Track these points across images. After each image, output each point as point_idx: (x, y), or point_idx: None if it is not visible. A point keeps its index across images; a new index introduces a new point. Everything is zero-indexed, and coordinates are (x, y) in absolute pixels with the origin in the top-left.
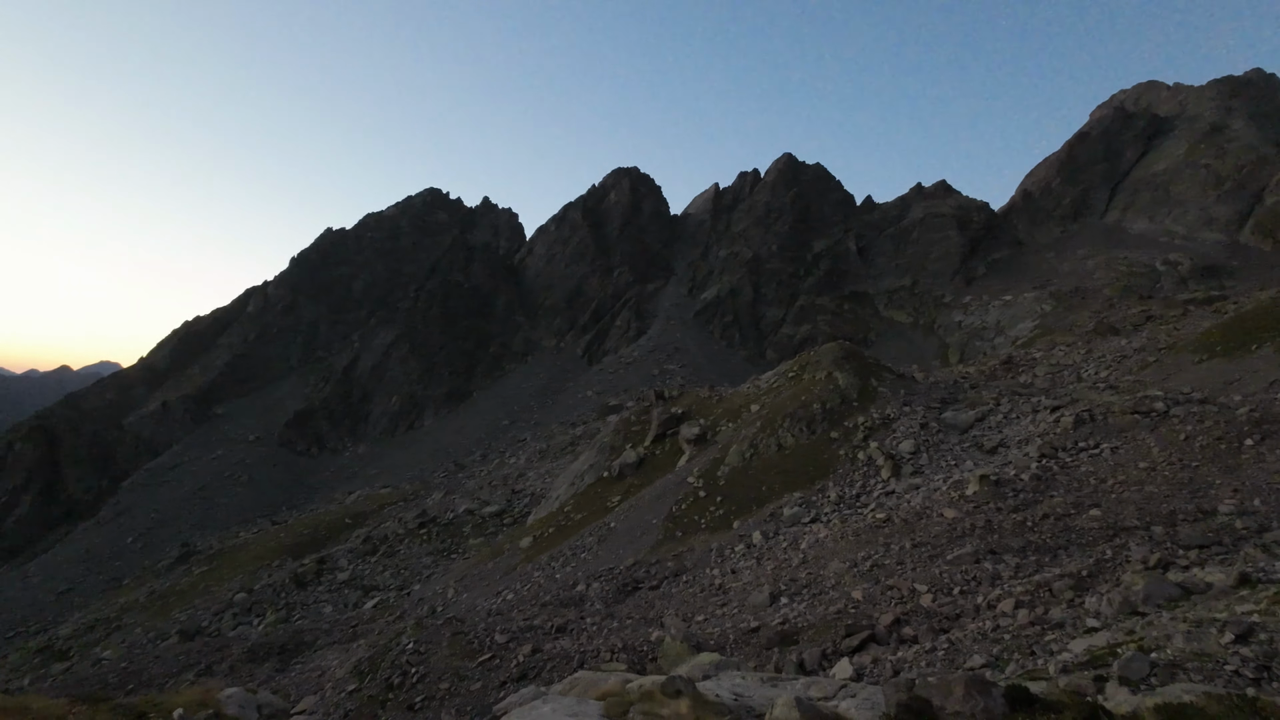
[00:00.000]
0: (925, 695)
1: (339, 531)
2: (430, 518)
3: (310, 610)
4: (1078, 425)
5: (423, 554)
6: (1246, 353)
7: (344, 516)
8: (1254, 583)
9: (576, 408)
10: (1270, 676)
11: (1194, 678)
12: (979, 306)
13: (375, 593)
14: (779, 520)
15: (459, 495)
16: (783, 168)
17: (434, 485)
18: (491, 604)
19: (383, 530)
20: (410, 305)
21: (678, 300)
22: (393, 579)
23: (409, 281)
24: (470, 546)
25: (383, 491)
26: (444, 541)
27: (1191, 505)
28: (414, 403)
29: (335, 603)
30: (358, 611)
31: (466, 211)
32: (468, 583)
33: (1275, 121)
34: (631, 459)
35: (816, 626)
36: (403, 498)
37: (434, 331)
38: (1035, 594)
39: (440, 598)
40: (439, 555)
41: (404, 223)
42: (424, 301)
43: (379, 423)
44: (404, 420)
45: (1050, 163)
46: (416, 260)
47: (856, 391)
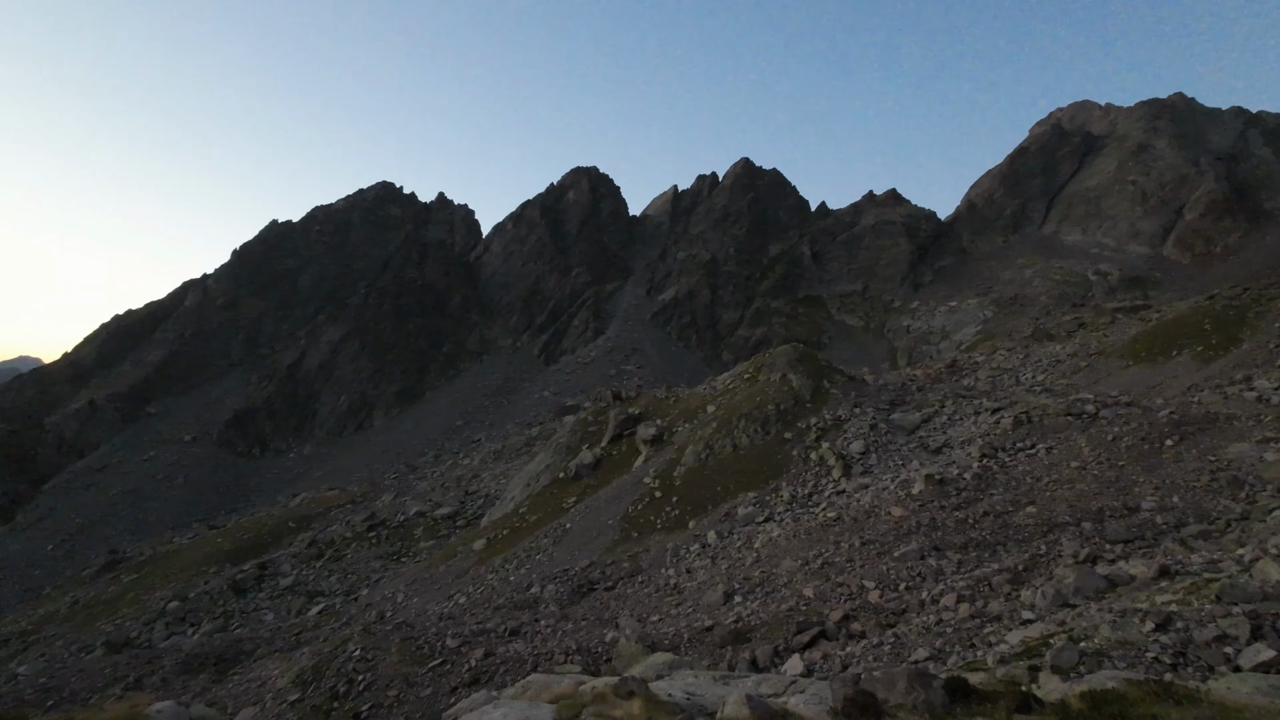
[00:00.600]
0: (870, 689)
1: (282, 536)
2: (380, 520)
3: (250, 618)
4: (1016, 426)
5: (371, 558)
6: (1167, 359)
7: (287, 520)
8: (1172, 574)
9: (532, 408)
10: (1186, 662)
11: (1118, 665)
12: (926, 312)
13: (320, 598)
14: (734, 520)
15: (410, 497)
16: (740, 172)
17: (384, 487)
18: (443, 608)
19: (329, 534)
20: (361, 302)
21: (636, 301)
22: (339, 584)
23: (359, 277)
24: (421, 550)
25: (329, 494)
26: (394, 545)
27: (1118, 502)
28: (364, 402)
29: (277, 610)
30: (301, 618)
31: (421, 207)
32: (418, 587)
33: (1194, 143)
34: (588, 460)
35: (769, 624)
36: (351, 500)
37: (385, 329)
38: (975, 588)
39: (389, 602)
40: (388, 559)
41: (354, 217)
42: (375, 298)
43: (326, 422)
44: (353, 420)
45: (993, 175)
46: (368, 255)
47: (810, 393)
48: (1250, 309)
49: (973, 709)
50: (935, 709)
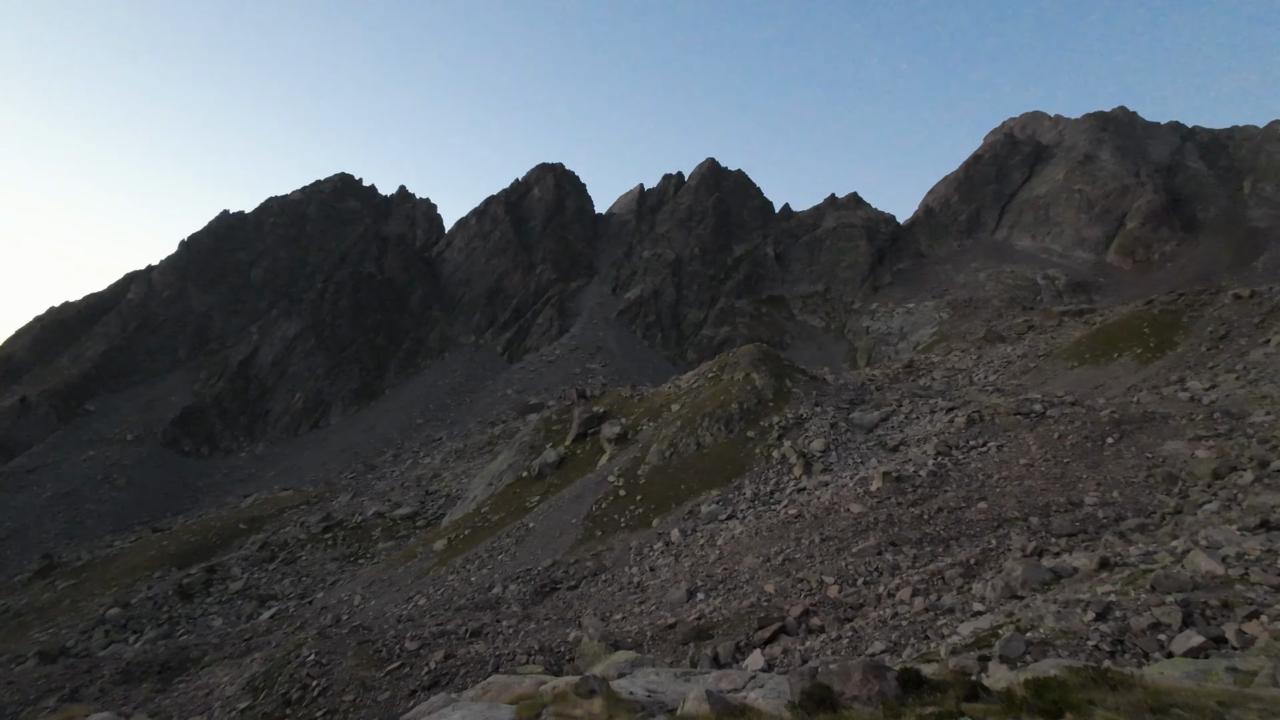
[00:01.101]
0: (827, 682)
1: (232, 538)
2: (336, 521)
3: (197, 624)
4: (969, 425)
5: (327, 560)
6: (1109, 361)
7: (238, 521)
8: (1112, 566)
9: (495, 406)
10: (1123, 649)
11: (1061, 653)
12: (885, 313)
13: (273, 602)
14: (697, 518)
15: (368, 497)
16: (705, 172)
17: (340, 487)
18: (402, 610)
19: (282, 535)
20: (317, 297)
21: (601, 299)
22: (293, 587)
23: (315, 271)
24: (380, 551)
25: (283, 494)
26: (351, 546)
27: (1063, 498)
28: (319, 399)
29: (226, 615)
30: (252, 623)
31: (381, 200)
32: (376, 589)
33: (1135, 154)
34: (552, 458)
35: (731, 620)
36: (305, 500)
37: (343, 325)
38: (930, 582)
39: (346, 605)
40: (345, 561)
41: (311, 209)
42: (332, 293)
43: (279, 421)
44: (308, 418)
45: (949, 181)
46: (325, 249)
47: (772, 392)
48: (1184, 314)
49: (924, 699)
50: (889, 700)
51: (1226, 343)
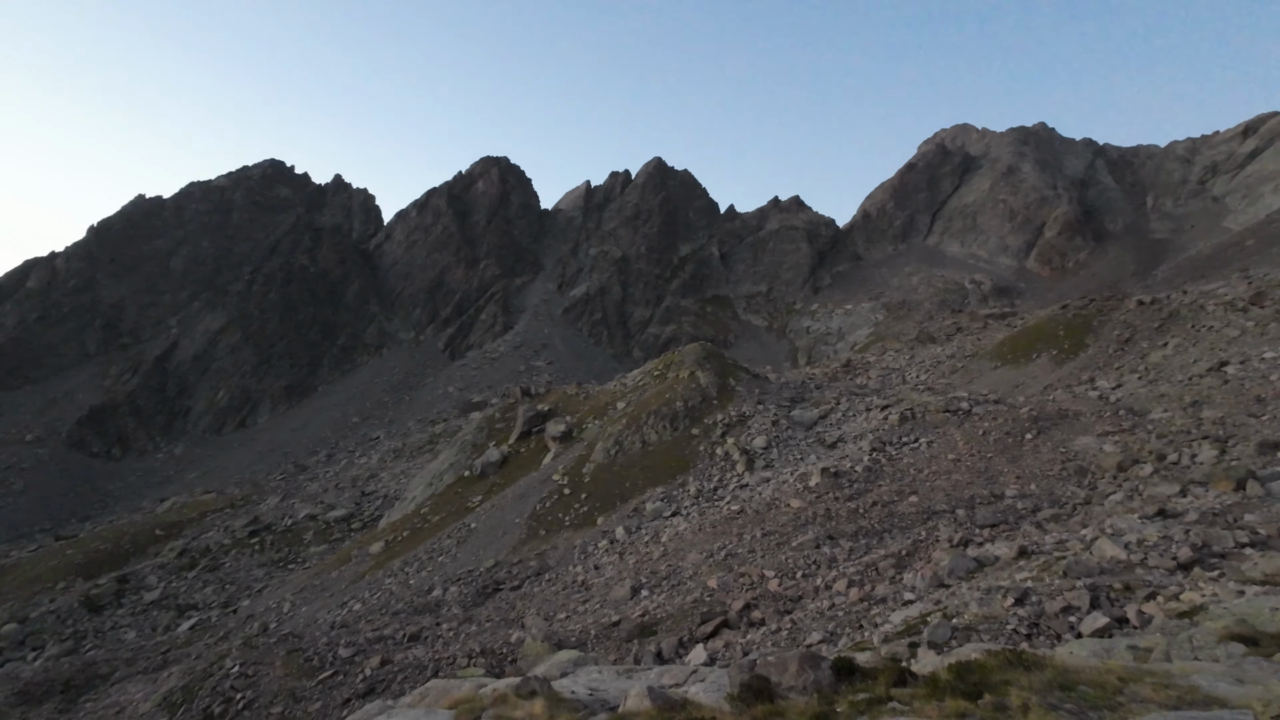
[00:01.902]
0: (765, 674)
1: (147, 545)
2: (264, 525)
3: (107, 638)
4: (902, 422)
5: (254, 566)
6: (1028, 361)
7: (154, 527)
8: (1029, 554)
9: (436, 404)
10: (1039, 632)
11: (984, 637)
12: (824, 314)
13: (193, 612)
14: (641, 515)
15: (299, 499)
16: (652, 171)
17: (269, 489)
18: (335, 616)
19: (204, 541)
20: (244, 288)
21: (546, 296)
22: (215, 596)
23: (242, 262)
24: (312, 555)
25: (205, 497)
26: (280, 551)
27: (986, 490)
28: (246, 397)
29: (140, 627)
30: (170, 635)
31: (314, 189)
32: (308, 595)
33: (1053, 168)
34: (495, 457)
35: (674, 616)
36: (230, 504)
37: (272, 318)
38: (864, 573)
39: (274, 613)
40: (273, 566)
41: (237, 195)
42: (261, 285)
43: (201, 420)
44: (233, 417)
45: (885, 188)
46: (252, 238)
47: (716, 390)
48: (1094, 318)
49: (856, 686)
50: (823, 688)
51: (1130, 345)
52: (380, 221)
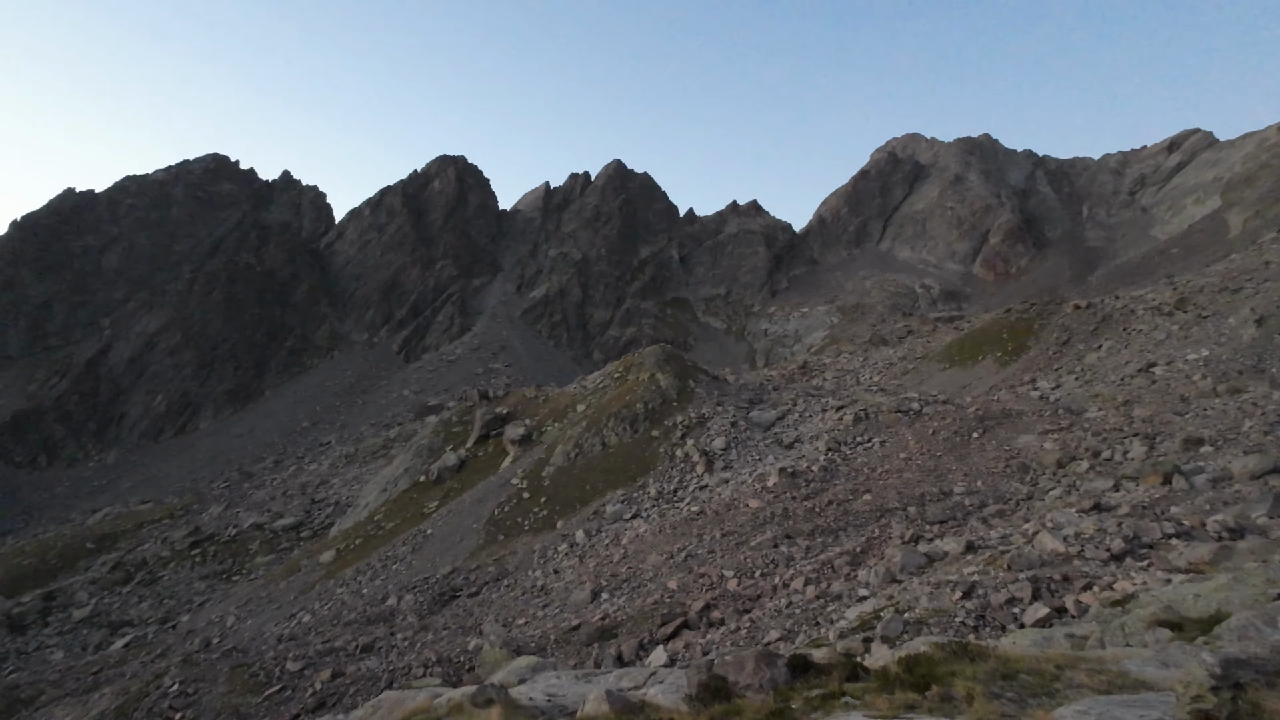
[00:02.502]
0: (722, 673)
1: (77, 559)
2: (206, 535)
3: (31, 659)
4: (856, 422)
5: (194, 579)
6: (974, 363)
7: (84, 540)
8: (976, 549)
9: (390, 408)
10: (985, 623)
11: (934, 630)
12: (781, 316)
13: (127, 629)
14: (602, 518)
15: (244, 508)
16: (612, 173)
17: (211, 498)
18: (284, 629)
19: (140, 554)
20: (184, 288)
21: (505, 297)
22: (152, 611)
23: (182, 260)
24: (258, 566)
25: (141, 508)
26: (223, 562)
27: (936, 488)
28: (186, 402)
29: (69, 646)
30: (102, 654)
31: (261, 185)
32: (254, 607)
33: (996, 178)
34: (452, 461)
35: (635, 618)
36: (169, 514)
37: (215, 320)
38: (821, 571)
39: (217, 628)
40: (216, 579)
41: (177, 191)
42: (203, 284)
43: (137, 426)
44: (172, 422)
45: (840, 194)
46: (193, 236)
47: (676, 392)
48: (1035, 322)
49: (811, 682)
50: (779, 685)
51: (1068, 348)
52: (331, 220)
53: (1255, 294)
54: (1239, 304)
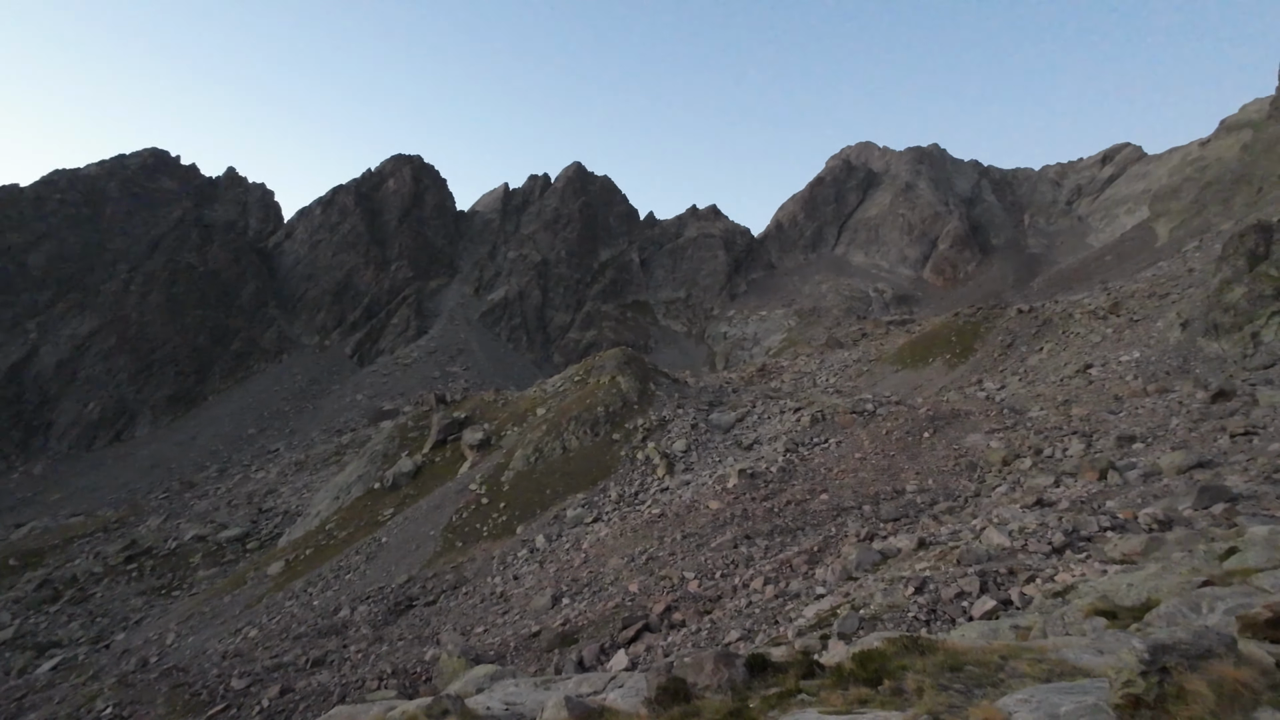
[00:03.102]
0: (681, 675)
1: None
2: (143, 549)
3: None
4: (813, 423)
5: (130, 595)
6: (925, 365)
7: (7, 557)
8: (928, 545)
9: (343, 413)
10: (936, 617)
11: (888, 626)
12: (741, 319)
13: (55, 651)
14: (562, 522)
15: (186, 519)
16: (572, 175)
17: (149, 509)
18: (228, 645)
19: (70, 570)
20: (120, 289)
21: (462, 300)
22: (83, 631)
23: (118, 260)
24: (200, 580)
25: (72, 521)
26: (162, 577)
27: (889, 486)
28: (122, 408)
29: None
30: (26, 679)
31: (204, 182)
32: (196, 624)
33: (945, 186)
34: (407, 467)
35: (596, 623)
36: (102, 527)
37: (153, 322)
38: (779, 570)
39: (155, 646)
40: (155, 594)
41: (111, 186)
42: (141, 285)
43: (68, 434)
44: (106, 430)
45: (797, 199)
46: (129, 234)
47: (637, 395)
48: (981, 325)
49: (768, 681)
50: (737, 686)
51: (1012, 350)
52: (280, 219)
53: (1180, 299)
54: (1166, 309)
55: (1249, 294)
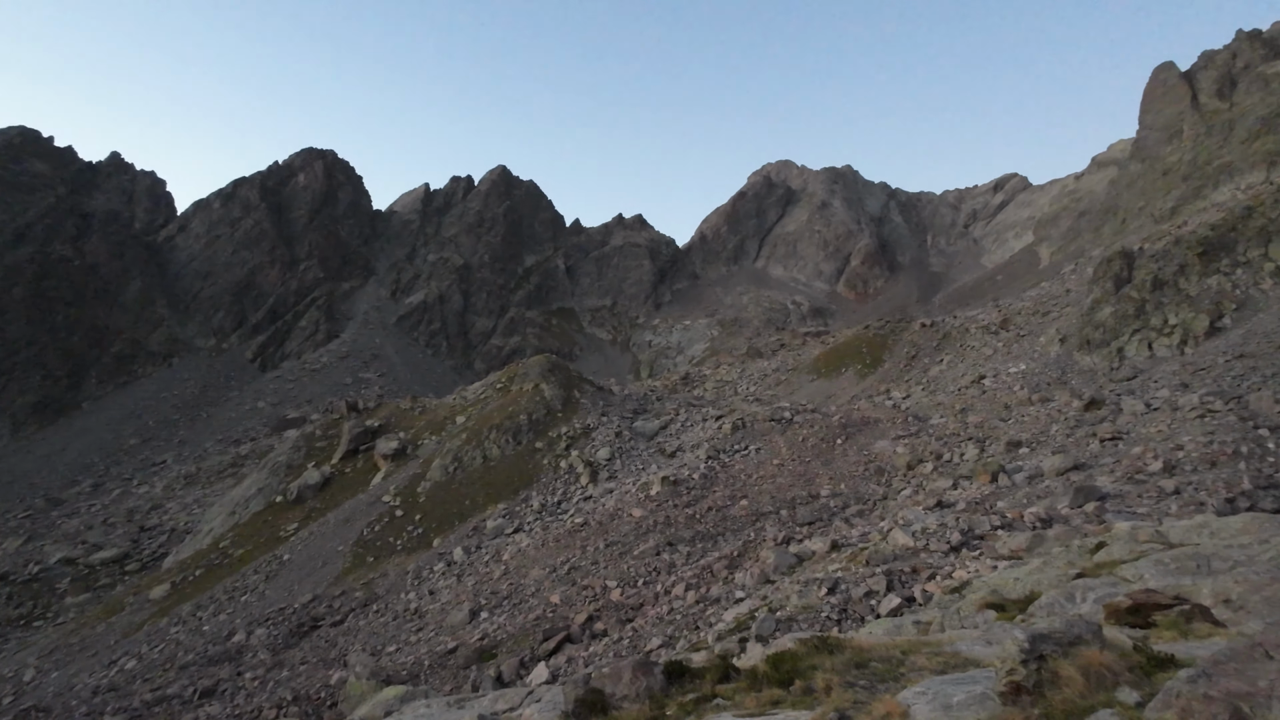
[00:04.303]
0: (600, 686)
1: None
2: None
3: None
4: (734, 431)
5: None
6: (838, 374)
7: None
8: (840, 547)
9: (241, 421)
10: (847, 616)
11: (803, 627)
12: (665, 328)
13: None
14: (482, 533)
15: (51, 540)
16: (497, 179)
17: (7, 530)
18: (100, 679)
19: None
20: None
21: (378, 303)
22: None
23: None
24: (68, 608)
25: None
26: (21, 606)
27: (805, 491)
28: None
29: None
30: None
31: (82, 166)
32: (61, 657)
33: (857, 205)
34: (314, 479)
35: (515, 636)
36: None
37: (16, 320)
38: (700, 576)
39: (10, 684)
40: (12, 626)
41: None
42: (2, 278)
43: None
44: None
45: (720, 212)
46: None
47: (561, 403)
48: (889, 338)
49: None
50: (655, 694)
51: (916, 361)
52: (172, 211)
53: (1059, 317)
54: (1047, 325)
55: (1115, 314)
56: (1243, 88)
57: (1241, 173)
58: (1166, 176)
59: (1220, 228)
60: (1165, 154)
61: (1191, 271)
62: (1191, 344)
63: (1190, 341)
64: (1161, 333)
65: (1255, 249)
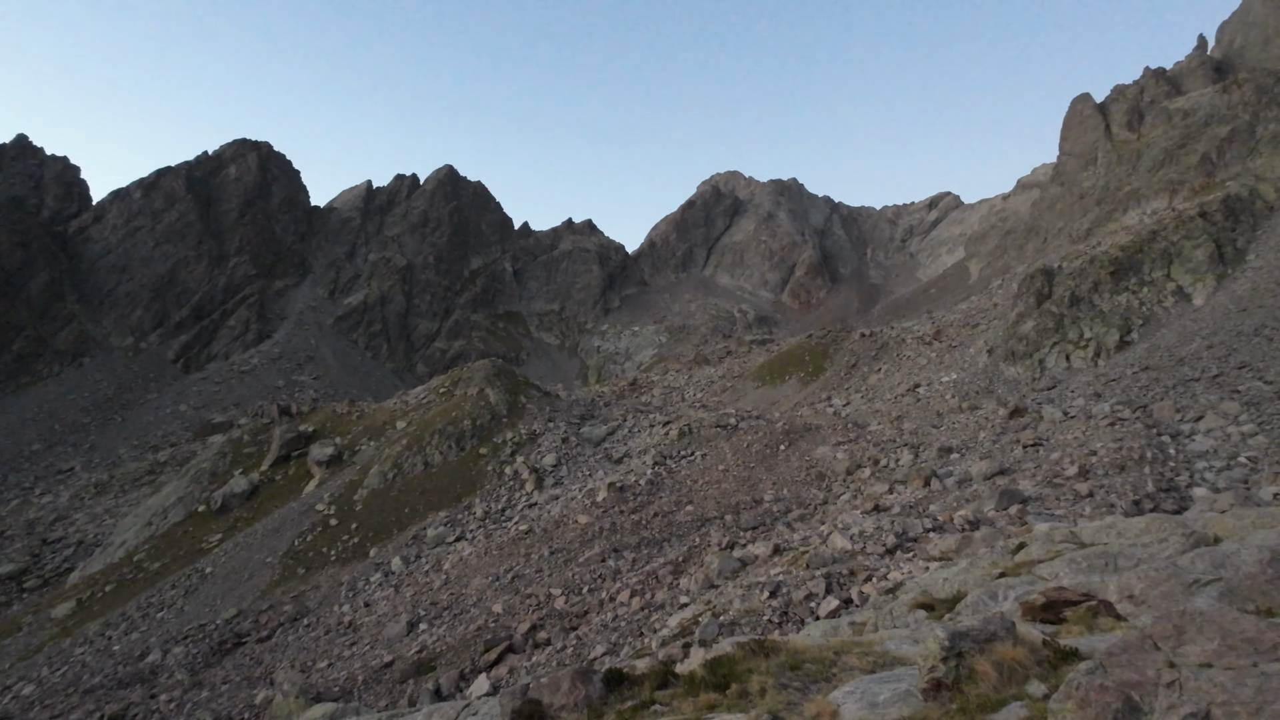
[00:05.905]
0: (537, 697)
1: None
2: None
3: None
4: (680, 437)
5: None
6: (782, 382)
7: None
8: (782, 551)
9: (160, 426)
10: (788, 619)
11: (745, 630)
12: (614, 334)
13: None
14: (421, 542)
15: None
16: (443, 178)
17: None
18: None
19: None
20: None
21: (314, 303)
22: None
23: None
24: None
25: None
26: None
27: (749, 496)
28: None
29: None
30: None
31: None
32: None
33: (801, 218)
34: (241, 487)
35: (455, 648)
36: None
37: None
38: (645, 582)
39: None
40: None
41: None
42: None
43: None
44: None
45: (669, 220)
46: None
47: (506, 408)
48: (830, 347)
49: (625, 695)
50: (594, 702)
51: (855, 370)
52: (87, 200)
53: (987, 329)
54: (976, 337)
55: (1037, 327)
56: (1149, 121)
57: (1147, 199)
58: (1083, 200)
59: (1129, 249)
60: (1082, 179)
61: (1104, 289)
62: (1104, 356)
63: (1103, 354)
64: (1078, 346)
65: (1159, 270)
